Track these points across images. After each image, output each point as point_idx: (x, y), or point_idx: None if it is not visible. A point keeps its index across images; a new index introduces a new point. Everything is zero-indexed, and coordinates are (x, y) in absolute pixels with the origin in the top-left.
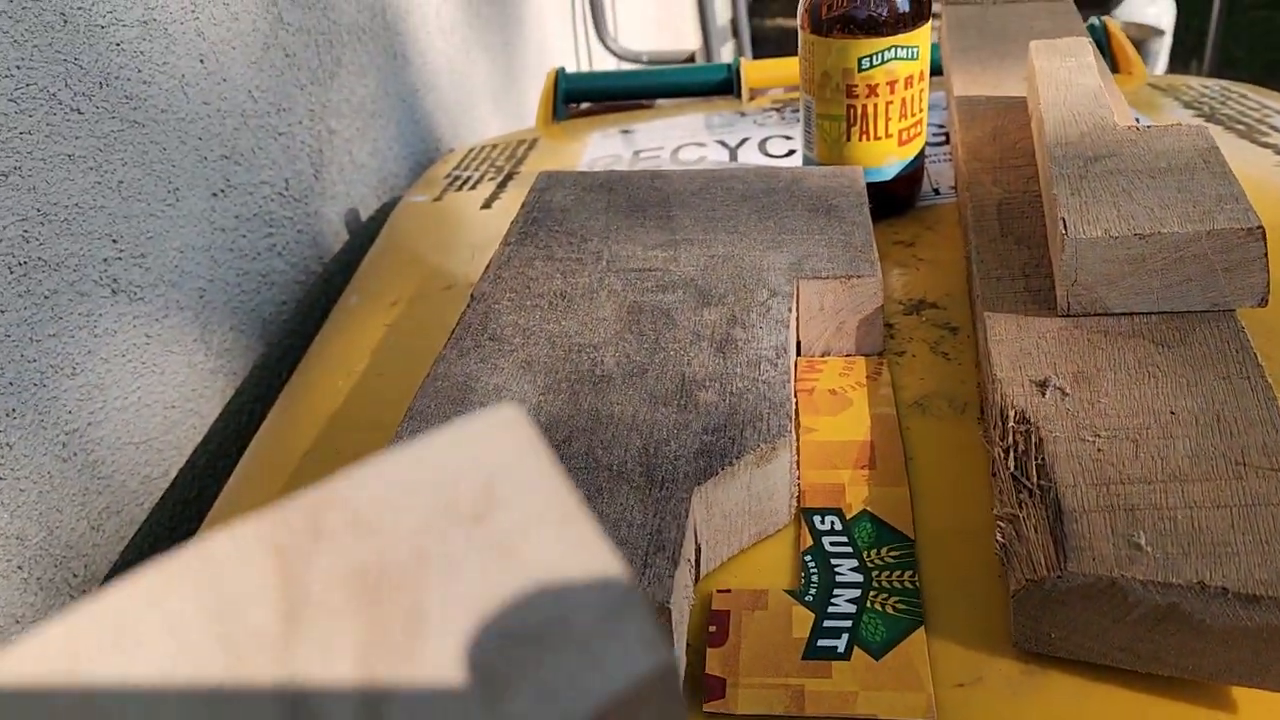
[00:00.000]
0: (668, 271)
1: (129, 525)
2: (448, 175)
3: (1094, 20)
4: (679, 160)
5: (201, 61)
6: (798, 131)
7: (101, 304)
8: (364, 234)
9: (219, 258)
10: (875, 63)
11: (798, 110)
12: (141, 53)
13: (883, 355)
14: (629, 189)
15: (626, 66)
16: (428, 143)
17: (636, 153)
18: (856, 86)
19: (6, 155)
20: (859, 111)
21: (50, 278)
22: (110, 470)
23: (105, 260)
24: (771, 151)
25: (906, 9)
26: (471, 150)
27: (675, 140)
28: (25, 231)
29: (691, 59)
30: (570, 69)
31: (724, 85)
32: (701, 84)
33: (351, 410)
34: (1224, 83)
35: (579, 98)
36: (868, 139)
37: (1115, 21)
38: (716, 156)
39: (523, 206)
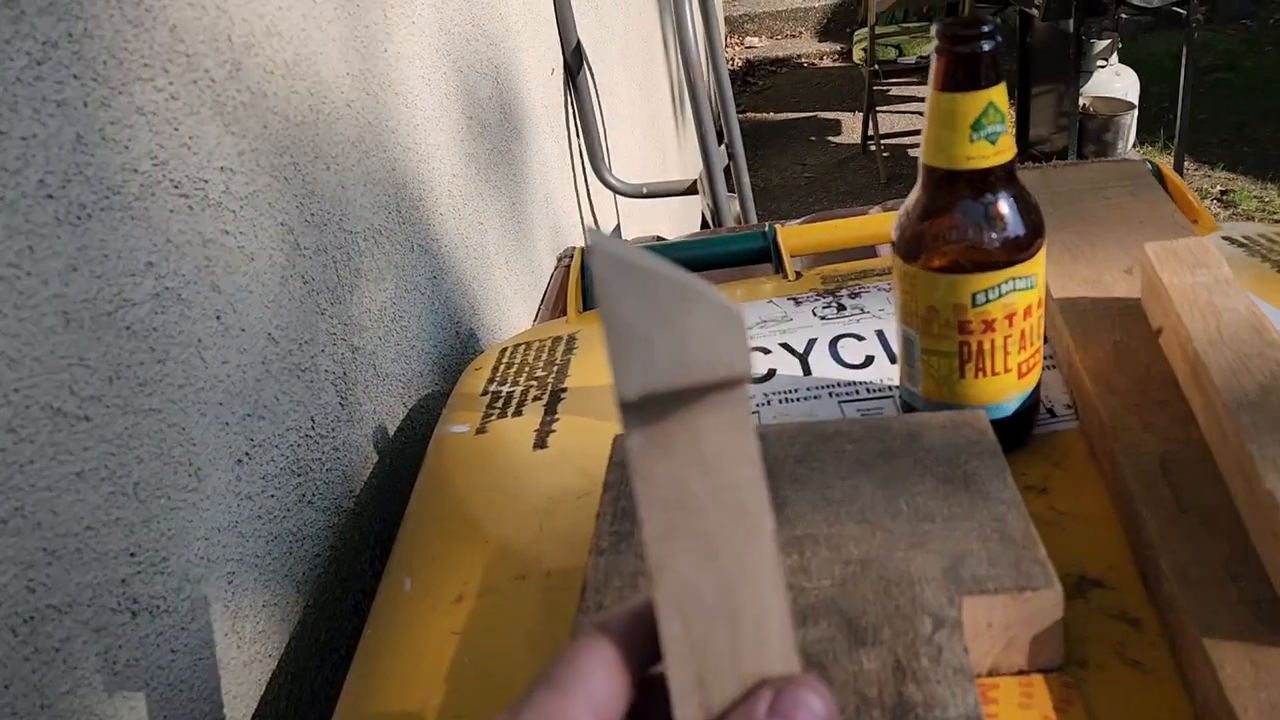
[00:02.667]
0: (800, 590)
1: None
2: (484, 392)
3: (1148, 164)
4: None
5: (219, 318)
6: (866, 328)
7: (121, 633)
8: (395, 453)
9: (246, 530)
10: (991, 298)
11: (856, 294)
12: (155, 329)
13: (1063, 669)
14: None
15: (625, 202)
16: (448, 331)
17: None
18: (970, 322)
19: (5, 497)
20: (974, 348)
21: (61, 625)
22: None
23: (123, 581)
24: (845, 358)
25: (1021, 232)
26: (504, 353)
27: None
28: (30, 580)
29: (693, 188)
30: (573, 214)
31: (760, 255)
32: (737, 255)
33: None
34: None
35: None
36: (984, 375)
37: (1093, 95)
38: (787, 368)
39: (606, 489)
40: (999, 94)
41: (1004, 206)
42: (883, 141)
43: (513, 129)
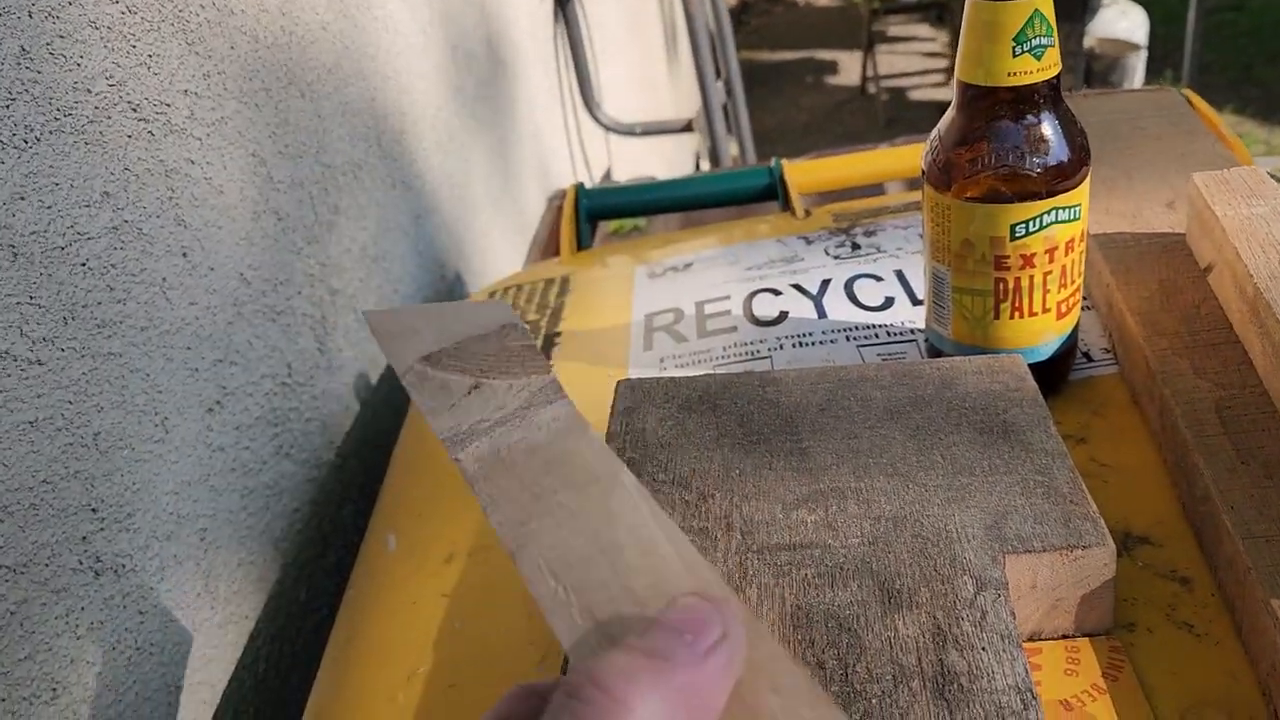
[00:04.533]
0: (826, 548)
1: None
2: None
3: (1181, 94)
4: (754, 316)
5: (185, 255)
6: (884, 267)
7: (83, 594)
8: (378, 402)
9: (219, 484)
10: (1031, 229)
11: (871, 232)
12: (113, 265)
13: (1110, 633)
14: (737, 404)
15: (616, 142)
16: (433, 274)
17: (700, 304)
18: (1008, 257)
19: None
20: (1010, 286)
21: (16, 587)
22: None
23: (84, 538)
24: (863, 299)
25: (1066, 158)
26: (493, 296)
27: (740, 285)
28: None
29: (688, 127)
30: (563, 154)
31: (766, 192)
32: (741, 193)
33: None
34: None
35: (603, 216)
36: (1020, 316)
37: (1098, 36)
38: (800, 310)
39: (609, 439)
40: (1045, 2)
41: (1048, 129)
42: (882, 83)
43: (499, 61)
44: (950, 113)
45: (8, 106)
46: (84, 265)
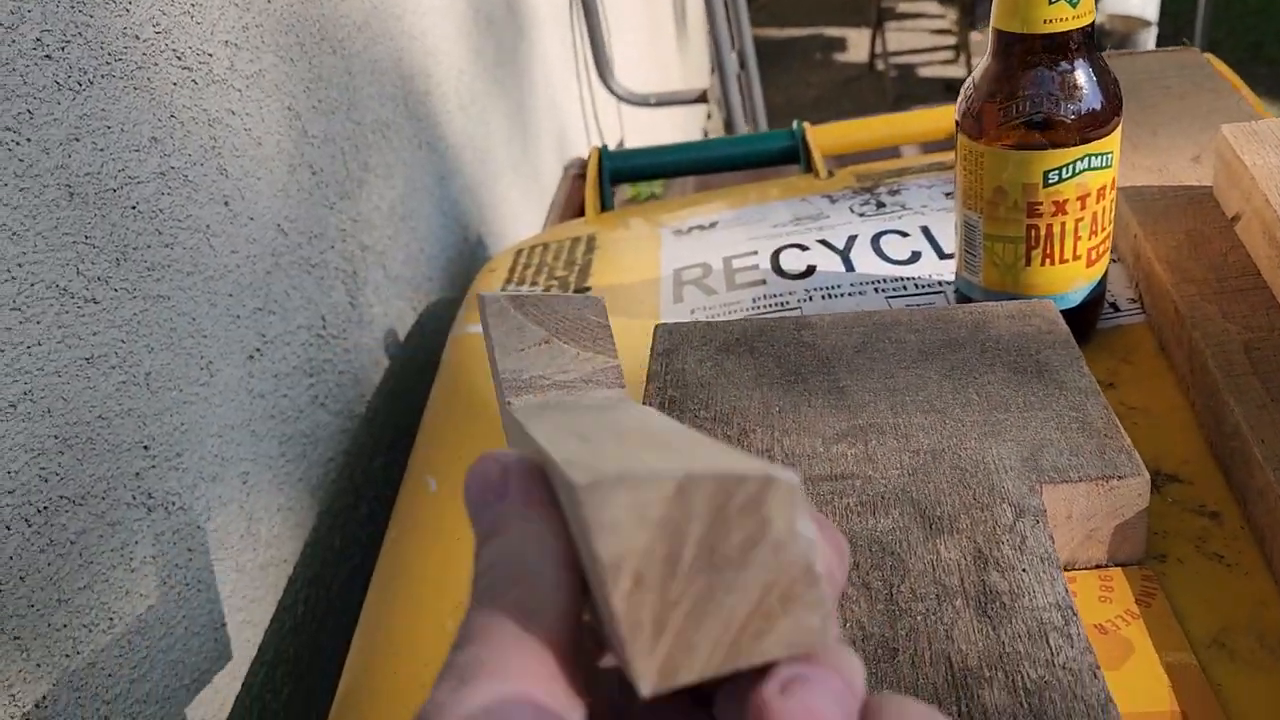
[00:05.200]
0: (867, 479)
1: None
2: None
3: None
4: (781, 270)
5: (226, 204)
6: (910, 224)
7: (136, 529)
8: (405, 358)
9: (260, 430)
10: (1064, 176)
11: (895, 191)
12: (161, 210)
13: (1142, 563)
14: (774, 346)
15: (628, 113)
16: (456, 235)
17: (727, 260)
18: (1040, 204)
19: (13, 379)
20: (1042, 232)
21: (76, 517)
22: None
23: (137, 474)
24: (890, 254)
25: (1099, 104)
26: (520, 254)
27: (767, 241)
28: (43, 469)
29: (703, 97)
30: (579, 123)
31: (788, 154)
32: (763, 154)
33: None
34: None
35: (626, 178)
36: (1051, 263)
37: (1109, 11)
38: (828, 264)
39: (650, 379)
40: None
41: (1082, 76)
42: (891, 60)
43: (518, 27)
44: (985, 60)
45: (63, 49)
46: (134, 209)
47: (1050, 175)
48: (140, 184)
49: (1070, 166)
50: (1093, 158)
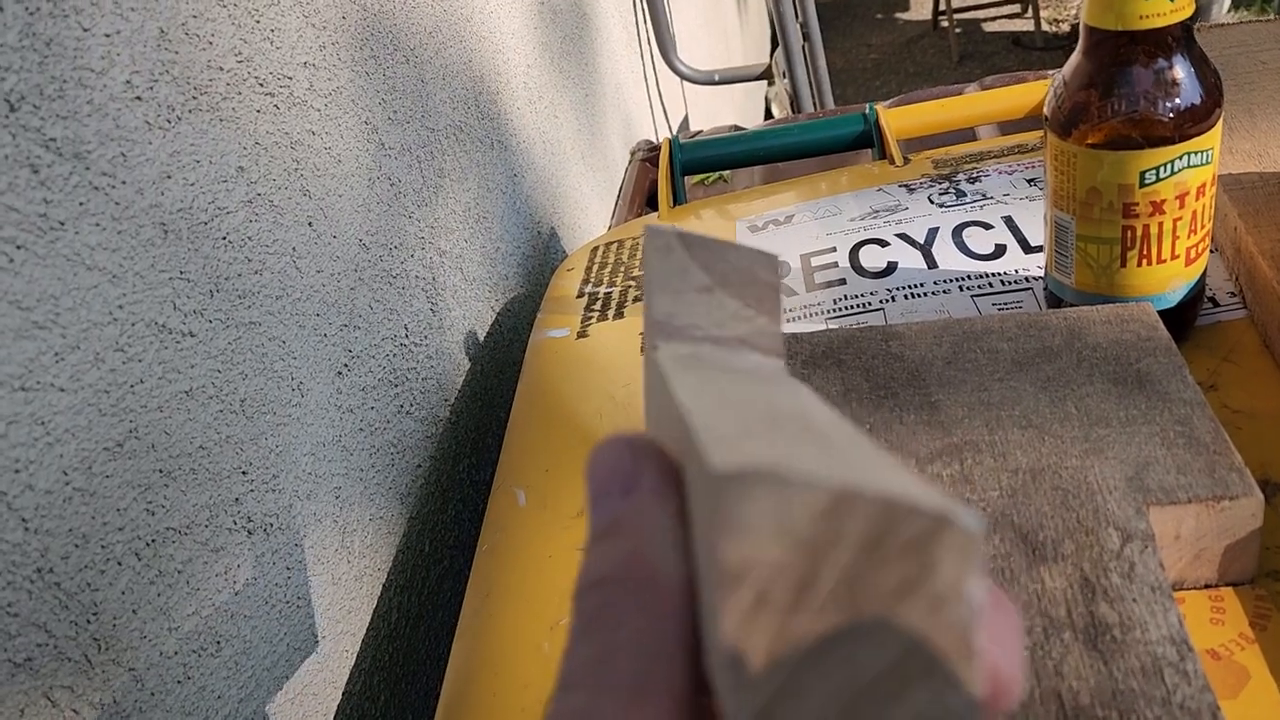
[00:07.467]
0: (965, 502)
1: None
2: (579, 294)
3: None
4: (861, 268)
5: (310, 225)
6: (992, 215)
7: (238, 553)
8: (486, 360)
9: (350, 444)
10: (1162, 175)
11: (975, 178)
12: (250, 238)
13: (1255, 582)
14: (861, 358)
15: (691, 92)
16: (529, 231)
17: (805, 257)
18: (1137, 205)
19: (119, 419)
20: (1139, 233)
21: (182, 547)
22: None
23: (237, 499)
24: (973, 248)
25: (1198, 100)
26: (595, 252)
27: (845, 236)
28: (149, 502)
29: (766, 72)
30: (643, 105)
31: (861, 140)
32: (835, 140)
33: None
34: None
35: (698, 169)
36: (1149, 263)
37: None
38: (909, 261)
39: None
40: None
41: (1180, 71)
42: (955, 16)
43: (580, 14)
44: (1075, 57)
45: (151, 88)
46: (224, 239)
47: (1147, 175)
48: (229, 214)
49: (1169, 165)
50: (1192, 155)
